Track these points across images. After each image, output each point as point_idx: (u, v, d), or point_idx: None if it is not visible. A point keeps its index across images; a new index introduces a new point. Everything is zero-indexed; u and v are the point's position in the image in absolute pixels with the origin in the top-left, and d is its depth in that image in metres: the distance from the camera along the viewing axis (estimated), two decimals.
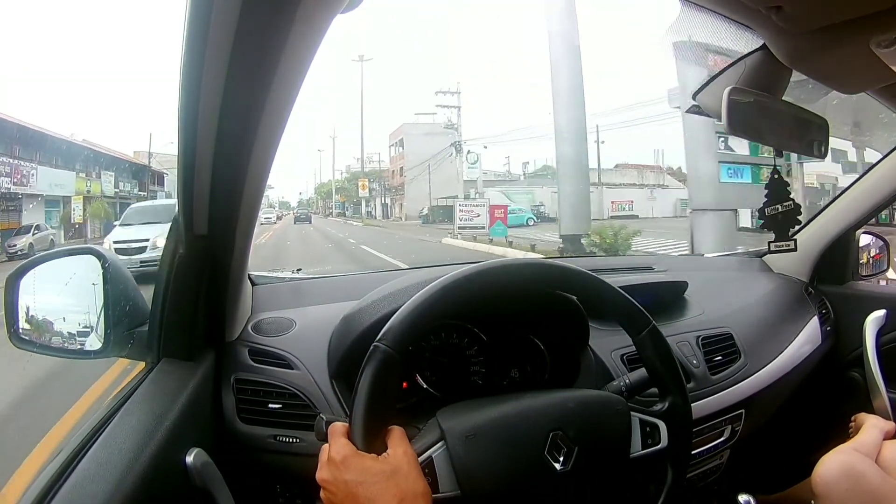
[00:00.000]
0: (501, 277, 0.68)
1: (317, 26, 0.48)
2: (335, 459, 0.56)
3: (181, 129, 0.55)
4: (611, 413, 0.69)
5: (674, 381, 0.72)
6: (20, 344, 0.74)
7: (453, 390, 0.84)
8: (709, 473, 1.05)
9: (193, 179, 0.60)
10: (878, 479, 0.68)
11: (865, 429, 0.77)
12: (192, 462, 0.64)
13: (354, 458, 0.56)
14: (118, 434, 0.61)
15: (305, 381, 0.81)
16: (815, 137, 0.76)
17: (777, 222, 0.79)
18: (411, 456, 0.58)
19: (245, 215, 0.69)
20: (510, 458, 0.62)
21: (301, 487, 0.82)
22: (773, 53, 0.67)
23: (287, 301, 0.99)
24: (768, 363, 1.08)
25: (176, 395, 0.69)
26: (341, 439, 0.58)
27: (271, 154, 0.62)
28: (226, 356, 0.84)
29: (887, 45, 0.58)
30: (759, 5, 0.57)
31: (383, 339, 0.61)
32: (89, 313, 0.77)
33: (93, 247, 0.78)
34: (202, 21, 0.45)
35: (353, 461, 0.56)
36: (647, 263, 1.40)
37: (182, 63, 0.48)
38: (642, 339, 0.71)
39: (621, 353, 0.94)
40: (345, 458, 0.56)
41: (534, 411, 0.66)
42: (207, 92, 0.51)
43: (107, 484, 0.53)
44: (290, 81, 0.53)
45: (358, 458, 0.56)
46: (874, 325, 1.18)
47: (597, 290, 0.71)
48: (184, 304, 0.75)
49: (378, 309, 0.78)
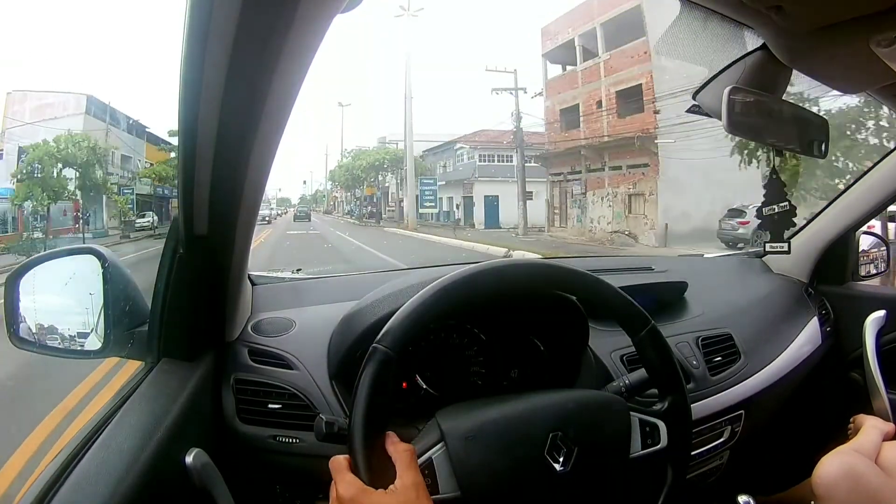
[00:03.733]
0: (501, 278, 0.68)
1: (317, 26, 0.48)
2: (344, 498, 0.55)
3: (181, 129, 0.55)
4: (610, 413, 0.69)
5: (673, 380, 0.72)
6: (20, 344, 0.74)
7: (453, 390, 0.84)
8: (708, 474, 1.05)
9: (193, 179, 0.60)
10: (878, 481, 0.68)
11: (865, 430, 0.77)
12: (192, 462, 0.63)
13: (363, 496, 0.55)
14: (118, 434, 0.61)
15: (305, 382, 0.81)
16: (815, 137, 0.76)
17: (773, 223, 0.79)
18: (420, 485, 0.56)
19: (245, 215, 0.69)
20: (510, 458, 0.62)
21: (301, 487, 0.82)
22: (773, 53, 0.67)
23: (287, 301, 0.99)
24: (768, 364, 1.08)
25: (176, 395, 0.69)
26: (347, 476, 0.56)
27: (271, 154, 0.62)
28: (226, 356, 0.84)
29: (887, 44, 0.58)
30: (759, 5, 0.57)
31: (382, 340, 0.60)
32: (89, 313, 0.76)
33: (93, 246, 0.78)
34: (202, 21, 0.45)
35: (363, 500, 0.54)
36: (647, 264, 1.40)
37: (182, 63, 0.49)
38: (641, 339, 0.71)
39: (621, 353, 0.94)
40: (353, 498, 0.55)
41: (534, 412, 0.66)
42: (207, 92, 0.51)
43: (106, 484, 0.53)
44: (290, 81, 0.53)
45: (366, 497, 0.55)
46: (874, 325, 1.18)
47: (596, 290, 0.71)
48: (184, 304, 0.75)
49: (378, 309, 0.78)
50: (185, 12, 0.45)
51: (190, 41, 0.46)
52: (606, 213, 16.46)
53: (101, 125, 18.10)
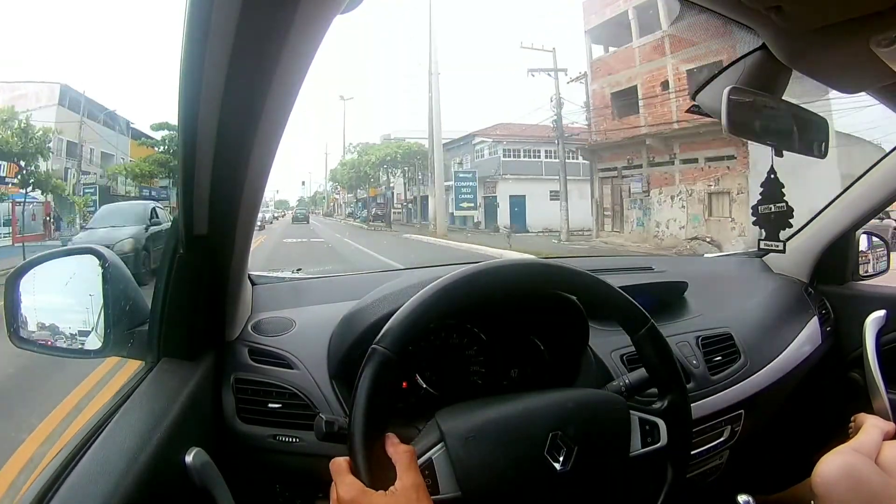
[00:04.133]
0: (501, 278, 0.68)
1: (317, 26, 0.48)
2: (345, 500, 0.55)
3: (181, 129, 0.55)
4: (610, 412, 0.69)
5: (672, 378, 0.72)
6: (20, 344, 0.74)
7: (453, 390, 0.84)
8: (708, 474, 1.05)
9: (193, 179, 0.60)
10: (878, 480, 0.68)
11: (865, 429, 0.77)
12: (192, 462, 0.63)
13: (364, 498, 0.55)
14: (118, 434, 0.61)
15: (305, 381, 0.81)
16: (815, 137, 0.76)
17: (769, 222, 0.80)
18: (420, 486, 0.56)
19: (245, 215, 0.69)
20: (510, 458, 0.62)
21: (300, 487, 0.82)
22: (773, 53, 0.67)
23: (287, 301, 0.99)
24: (768, 363, 1.08)
25: (176, 395, 0.69)
26: (347, 477, 0.57)
27: (271, 154, 0.62)
28: (226, 356, 0.84)
29: (887, 44, 0.58)
30: (759, 5, 0.57)
31: (381, 341, 0.60)
32: (89, 313, 0.77)
33: (93, 246, 0.78)
34: (202, 21, 0.45)
35: (363, 501, 0.55)
36: (647, 264, 1.40)
37: (182, 63, 0.49)
38: (641, 338, 0.71)
39: (621, 353, 0.94)
40: (354, 500, 0.55)
41: (533, 411, 0.66)
42: (207, 92, 0.51)
43: (106, 483, 0.53)
44: (290, 81, 0.53)
45: (367, 499, 0.55)
46: (874, 325, 1.18)
47: (595, 289, 0.71)
48: (184, 304, 0.75)
49: (378, 309, 0.78)
50: (185, 12, 0.45)
51: (190, 41, 0.46)
52: (678, 215, 13.77)
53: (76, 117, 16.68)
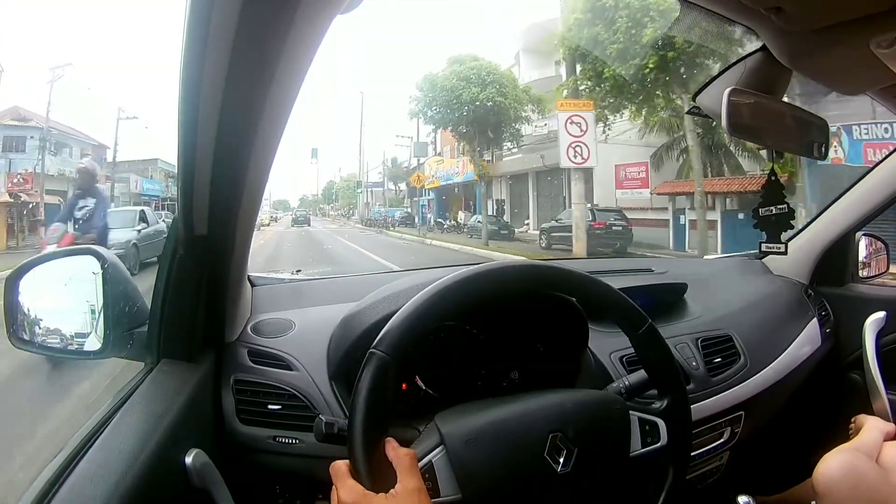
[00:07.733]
0: (500, 280, 0.68)
1: (317, 26, 0.48)
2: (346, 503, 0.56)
3: (181, 129, 0.55)
4: (610, 413, 0.69)
5: (672, 378, 0.72)
6: (20, 344, 0.74)
7: (453, 391, 0.83)
8: (708, 475, 1.05)
9: (193, 179, 0.60)
10: (879, 480, 0.68)
11: (866, 430, 0.77)
12: (192, 463, 0.63)
13: (365, 501, 0.55)
14: (118, 434, 0.61)
15: (305, 383, 0.81)
16: (815, 138, 0.76)
17: (770, 224, 0.80)
18: (421, 489, 0.56)
19: (245, 215, 0.69)
20: (510, 460, 0.62)
21: (300, 488, 0.82)
22: (773, 54, 0.67)
23: (287, 302, 0.99)
24: (768, 365, 1.08)
25: (175, 396, 0.69)
26: (348, 481, 0.57)
27: (271, 154, 0.62)
28: (225, 357, 0.84)
29: (887, 45, 0.58)
30: (759, 5, 0.57)
31: (379, 345, 0.60)
32: (89, 313, 0.76)
33: (92, 247, 0.78)
34: (202, 21, 0.45)
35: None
36: (647, 265, 1.40)
37: (182, 63, 0.49)
38: (640, 338, 0.71)
39: (620, 354, 0.94)
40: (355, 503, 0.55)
41: (533, 413, 0.66)
42: (207, 92, 0.51)
43: (106, 484, 0.53)
44: (290, 81, 0.53)
45: (368, 501, 0.55)
46: (874, 326, 1.18)
47: (595, 290, 0.71)
48: (183, 305, 0.75)
49: (377, 311, 0.78)
50: (185, 12, 0.45)
51: (190, 41, 0.46)
52: None
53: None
